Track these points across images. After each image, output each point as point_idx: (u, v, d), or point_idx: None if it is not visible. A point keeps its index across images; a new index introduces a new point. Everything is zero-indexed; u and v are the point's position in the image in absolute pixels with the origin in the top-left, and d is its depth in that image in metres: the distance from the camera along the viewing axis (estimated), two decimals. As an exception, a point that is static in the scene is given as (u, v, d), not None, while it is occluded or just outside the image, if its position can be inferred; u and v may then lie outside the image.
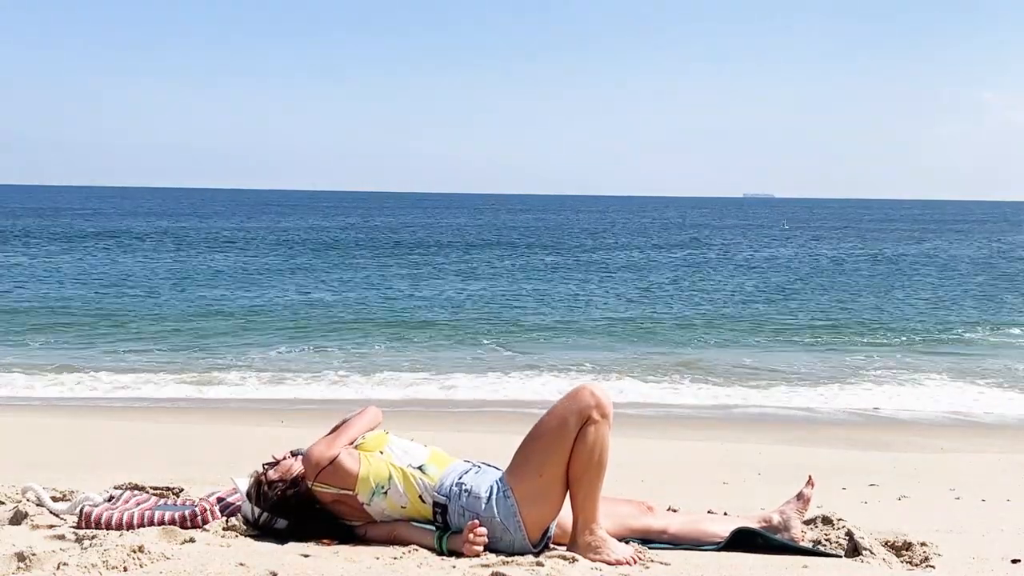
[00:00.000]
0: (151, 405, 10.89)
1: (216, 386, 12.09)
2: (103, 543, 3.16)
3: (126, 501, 3.88)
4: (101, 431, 8.43)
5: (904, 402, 11.45)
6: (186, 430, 8.72)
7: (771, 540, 3.64)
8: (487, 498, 3.46)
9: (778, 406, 11.18)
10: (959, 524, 4.55)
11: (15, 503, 3.95)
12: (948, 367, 13.59)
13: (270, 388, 12.06)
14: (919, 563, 3.50)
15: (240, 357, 14.09)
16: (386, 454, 3.57)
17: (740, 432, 9.42)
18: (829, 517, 3.90)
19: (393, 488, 3.52)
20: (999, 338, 16.81)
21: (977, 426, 10.25)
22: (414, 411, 10.58)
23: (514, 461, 3.51)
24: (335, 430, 3.65)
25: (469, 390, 12.03)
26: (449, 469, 3.57)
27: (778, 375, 12.98)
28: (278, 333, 16.58)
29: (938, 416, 10.75)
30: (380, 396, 11.43)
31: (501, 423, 9.46)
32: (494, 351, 15.04)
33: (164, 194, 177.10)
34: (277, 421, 9.58)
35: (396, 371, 13.14)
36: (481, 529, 3.40)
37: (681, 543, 3.68)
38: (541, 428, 3.47)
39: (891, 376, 12.97)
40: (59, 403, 10.88)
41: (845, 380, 12.65)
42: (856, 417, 10.66)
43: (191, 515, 3.67)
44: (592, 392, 3.43)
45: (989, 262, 35.05)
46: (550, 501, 3.47)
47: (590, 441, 3.38)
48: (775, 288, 25.02)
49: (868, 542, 3.54)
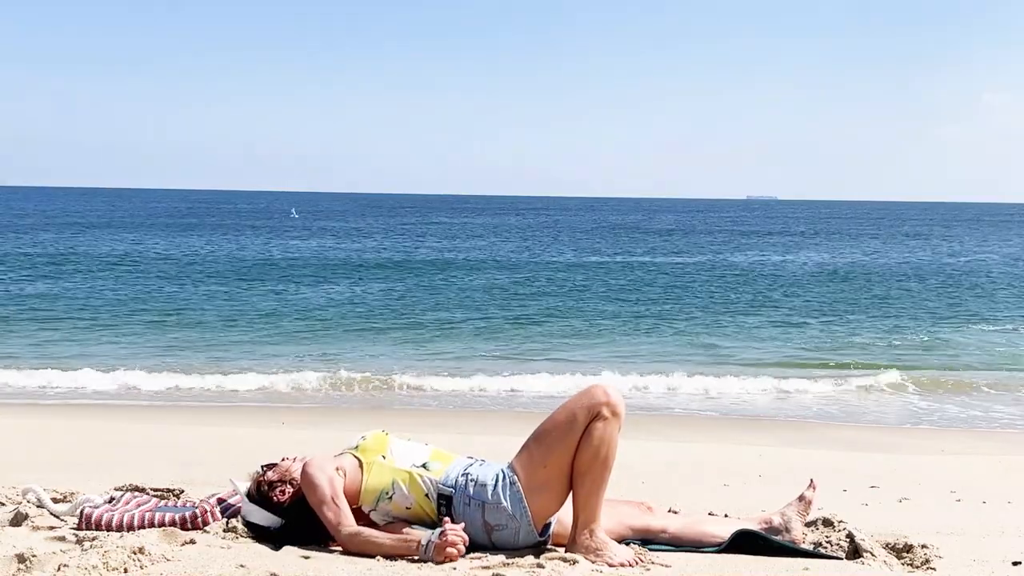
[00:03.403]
0: (163, 404, 10.90)
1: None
2: (104, 545, 3.16)
3: (127, 503, 3.88)
4: (101, 432, 8.42)
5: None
6: (186, 430, 8.71)
7: (772, 542, 3.64)
8: (494, 485, 3.47)
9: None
10: (960, 526, 4.55)
11: (15, 505, 3.95)
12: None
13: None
14: (920, 565, 3.51)
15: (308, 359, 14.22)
16: (388, 459, 3.58)
17: (741, 433, 9.41)
18: (830, 519, 3.90)
19: (398, 491, 3.52)
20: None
21: (978, 428, 10.25)
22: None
23: (521, 451, 3.53)
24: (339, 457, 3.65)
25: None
26: (453, 464, 3.59)
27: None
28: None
29: (938, 418, 10.77)
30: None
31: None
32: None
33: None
34: (277, 422, 9.58)
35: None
36: (458, 526, 3.36)
37: (681, 544, 3.68)
38: (551, 421, 3.49)
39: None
40: (58, 403, 10.88)
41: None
42: (857, 418, 10.68)
43: (192, 517, 3.67)
44: (605, 390, 3.45)
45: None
46: (554, 493, 3.47)
47: (597, 437, 3.39)
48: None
49: (869, 544, 3.54)
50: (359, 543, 3.41)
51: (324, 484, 3.47)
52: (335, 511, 3.45)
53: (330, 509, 3.45)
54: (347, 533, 3.43)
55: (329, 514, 3.45)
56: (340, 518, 3.44)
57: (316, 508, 3.48)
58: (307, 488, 3.50)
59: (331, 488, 3.47)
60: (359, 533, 3.43)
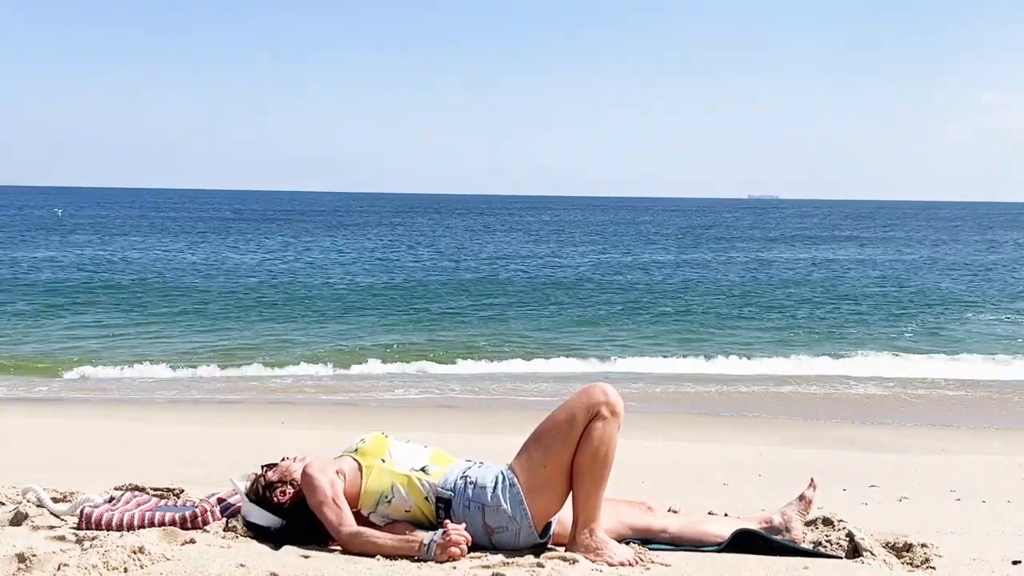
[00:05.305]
0: (162, 403, 10.90)
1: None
2: (103, 544, 3.16)
3: (126, 502, 3.87)
4: (101, 432, 8.42)
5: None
6: (186, 430, 8.71)
7: (772, 541, 3.64)
8: (493, 487, 3.47)
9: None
10: (960, 525, 4.55)
11: (15, 504, 3.95)
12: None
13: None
14: (920, 564, 3.50)
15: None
16: (387, 462, 3.57)
17: (741, 433, 9.41)
18: (830, 518, 3.90)
19: (397, 495, 3.52)
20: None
21: (978, 427, 10.25)
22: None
23: (520, 452, 3.53)
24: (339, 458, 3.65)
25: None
26: (451, 467, 3.59)
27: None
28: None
29: (939, 416, 10.76)
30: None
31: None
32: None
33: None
34: (278, 422, 9.58)
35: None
36: (460, 526, 3.36)
37: (681, 544, 3.68)
38: (550, 421, 3.48)
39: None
40: (60, 403, 10.88)
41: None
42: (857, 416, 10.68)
43: (191, 516, 3.67)
44: (604, 390, 3.45)
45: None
46: (554, 493, 3.47)
47: (596, 436, 3.39)
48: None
49: (869, 543, 3.53)
50: (360, 543, 3.41)
51: (325, 485, 3.47)
52: (336, 512, 3.45)
53: (331, 510, 3.45)
54: (348, 533, 3.43)
55: (330, 514, 3.45)
56: (341, 518, 3.44)
57: (316, 509, 3.48)
58: (307, 490, 3.50)
59: (332, 489, 3.47)
60: (360, 533, 3.43)
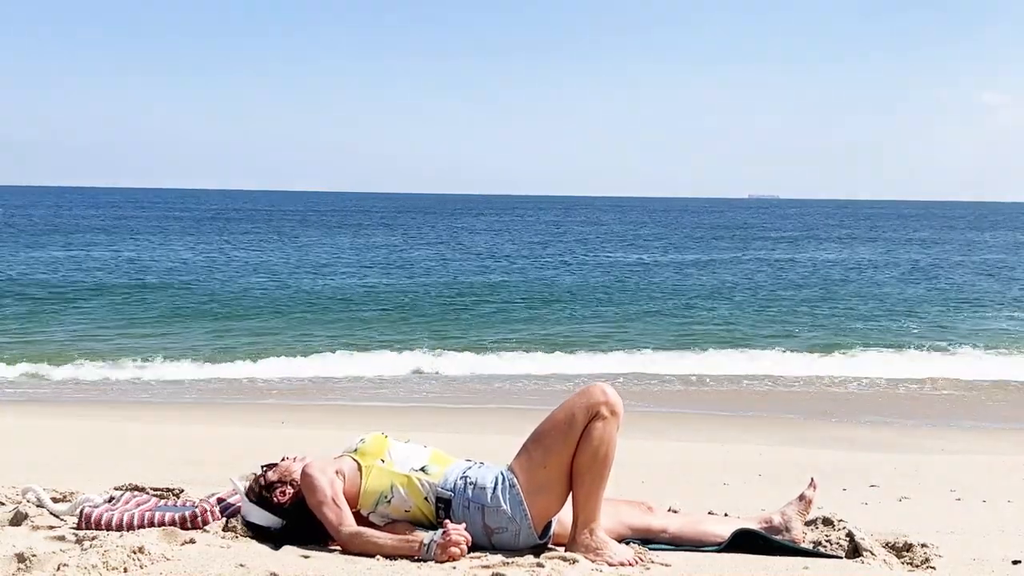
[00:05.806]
0: (161, 403, 10.89)
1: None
2: (103, 544, 3.16)
3: (126, 502, 3.87)
4: (101, 431, 8.42)
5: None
6: (187, 430, 8.71)
7: (772, 541, 3.64)
8: (493, 488, 3.47)
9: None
10: (960, 525, 4.55)
11: (15, 504, 3.95)
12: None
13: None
14: (920, 564, 3.50)
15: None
16: (387, 462, 3.57)
17: (740, 433, 9.41)
18: (830, 518, 3.90)
19: (396, 495, 3.52)
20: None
21: (978, 427, 10.25)
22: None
23: (520, 452, 3.53)
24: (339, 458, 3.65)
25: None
26: (451, 467, 3.59)
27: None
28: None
29: (939, 416, 10.77)
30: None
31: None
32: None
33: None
34: (277, 422, 9.58)
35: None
36: (460, 526, 3.36)
37: (681, 543, 3.68)
38: (549, 422, 3.48)
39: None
40: (60, 403, 10.88)
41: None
42: (854, 417, 10.68)
43: (191, 516, 3.67)
44: (603, 389, 3.45)
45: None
46: (554, 493, 3.47)
47: (596, 436, 3.39)
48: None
49: (869, 543, 3.53)
50: (360, 543, 3.41)
51: (325, 486, 3.47)
52: (336, 512, 3.44)
53: (331, 510, 3.45)
54: (348, 533, 3.43)
55: (330, 514, 3.45)
56: (341, 518, 3.44)
57: (316, 509, 3.47)
58: (307, 490, 3.50)
59: (331, 489, 3.47)
60: (360, 533, 3.43)
